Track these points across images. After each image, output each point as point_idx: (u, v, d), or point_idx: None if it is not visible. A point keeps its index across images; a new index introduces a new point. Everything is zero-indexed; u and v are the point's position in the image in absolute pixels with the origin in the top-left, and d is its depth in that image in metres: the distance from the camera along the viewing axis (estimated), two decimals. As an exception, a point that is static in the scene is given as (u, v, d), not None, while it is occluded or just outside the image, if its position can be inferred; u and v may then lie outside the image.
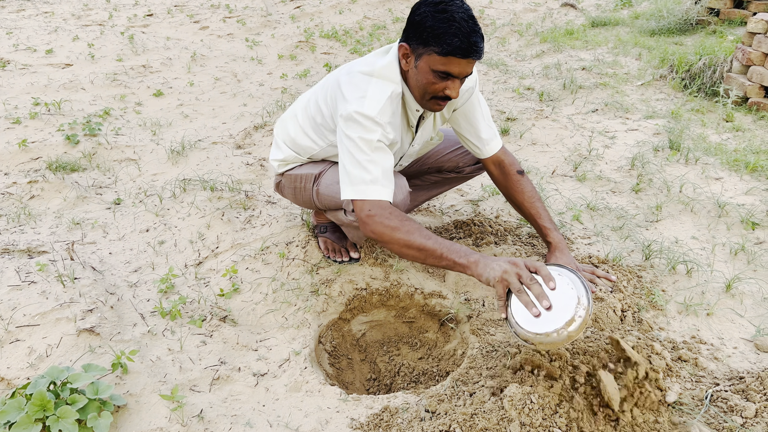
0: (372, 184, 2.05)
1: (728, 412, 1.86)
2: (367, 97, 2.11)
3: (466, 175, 2.77)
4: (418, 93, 2.16)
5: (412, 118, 2.32)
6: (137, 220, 3.27)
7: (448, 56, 1.98)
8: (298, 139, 2.54)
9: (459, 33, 1.94)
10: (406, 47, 2.09)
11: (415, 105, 2.24)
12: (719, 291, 2.43)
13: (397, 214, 2.03)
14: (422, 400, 1.98)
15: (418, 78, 2.10)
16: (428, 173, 2.79)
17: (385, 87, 2.15)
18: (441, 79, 2.05)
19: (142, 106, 5.39)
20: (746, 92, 4.60)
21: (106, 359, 2.12)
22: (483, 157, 2.54)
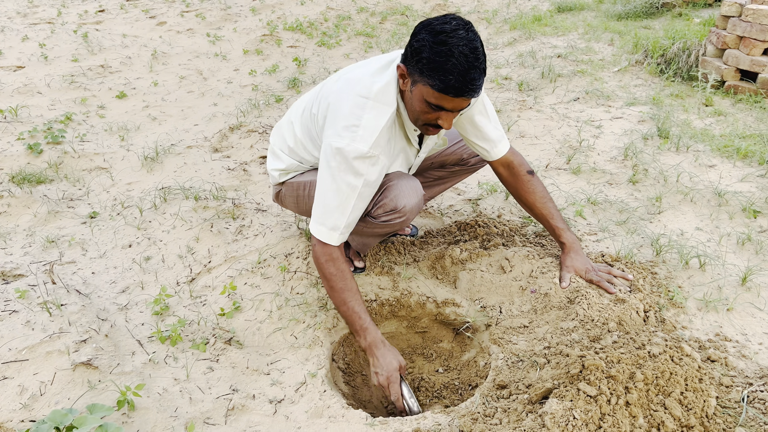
0: (333, 231, 2.11)
1: (767, 413, 1.82)
2: (361, 126, 2.00)
3: (471, 167, 2.67)
4: (411, 116, 2.07)
5: (412, 138, 2.24)
6: (118, 234, 3.07)
7: (441, 93, 1.87)
8: (298, 150, 2.40)
9: (455, 70, 1.81)
10: (404, 69, 1.97)
11: (413, 126, 2.16)
12: (735, 284, 2.40)
13: (339, 263, 2.15)
14: (454, 420, 1.89)
15: (412, 102, 2.00)
16: (432, 169, 2.69)
17: (381, 114, 2.03)
18: (433, 110, 1.95)
19: (106, 109, 5.12)
20: (723, 76, 4.63)
21: (109, 396, 1.96)
22: (491, 160, 2.44)
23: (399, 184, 2.20)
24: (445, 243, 2.77)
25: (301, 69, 6.18)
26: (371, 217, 2.26)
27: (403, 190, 2.20)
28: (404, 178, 2.24)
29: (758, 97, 4.36)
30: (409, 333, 2.50)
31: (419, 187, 2.26)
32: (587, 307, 2.22)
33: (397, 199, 2.19)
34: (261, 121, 4.61)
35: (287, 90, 5.49)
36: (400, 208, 2.19)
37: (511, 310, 2.35)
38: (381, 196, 2.21)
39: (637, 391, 1.78)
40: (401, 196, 2.19)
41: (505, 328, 2.27)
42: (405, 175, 2.28)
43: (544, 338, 2.16)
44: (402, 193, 2.19)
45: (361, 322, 2.12)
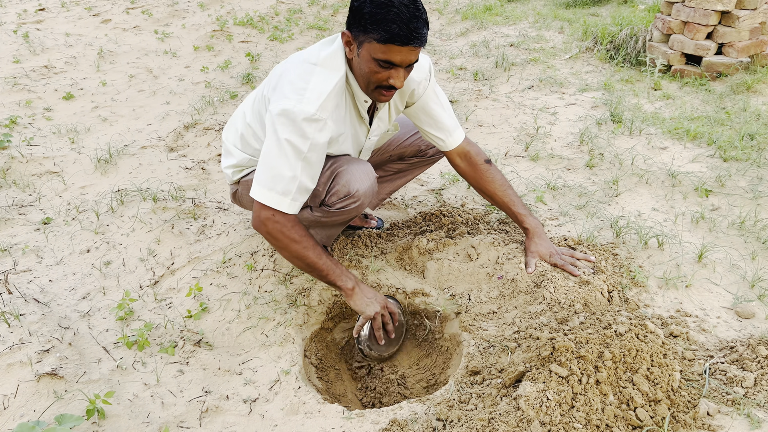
0: (283, 196, 2.03)
1: (728, 383, 1.90)
2: (308, 89, 1.99)
3: (429, 158, 2.68)
4: (362, 82, 2.05)
5: (362, 109, 2.20)
6: (74, 240, 2.98)
7: (387, 44, 1.86)
8: (249, 139, 2.36)
9: (398, 19, 1.82)
10: (348, 35, 1.97)
11: (362, 95, 2.13)
12: (692, 262, 2.49)
13: (298, 227, 2.10)
14: (430, 409, 1.91)
15: (361, 67, 1.99)
16: (390, 161, 2.69)
17: (330, 77, 2.03)
18: (383, 68, 1.94)
19: (53, 111, 4.94)
20: (669, 60, 4.78)
21: (77, 405, 1.90)
22: (447, 150, 2.45)
23: (350, 169, 2.19)
24: (411, 234, 2.79)
25: (255, 64, 6.09)
26: (326, 206, 2.25)
27: (354, 175, 2.18)
28: (354, 163, 2.22)
29: (703, 80, 4.51)
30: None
31: (371, 170, 2.25)
32: (553, 290, 2.27)
33: (349, 184, 2.17)
34: (216, 118, 4.53)
35: (241, 86, 5.41)
36: (353, 192, 2.18)
37: (479, 297, 2.38)
38: (333, 183, 2.19)
39: (606, 369, 1.83)
40: (353, 180, 2.18)
41: (474, 314, 2.30)
42: (355, 159, 2.27)
43: (514, 323, 2.20)
44: (354, 178, 2.18)
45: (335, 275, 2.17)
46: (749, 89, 4.25)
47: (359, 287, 2.21)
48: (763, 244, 2.57)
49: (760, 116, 3.79)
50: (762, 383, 1.88)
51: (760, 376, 1.90)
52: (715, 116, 3.84)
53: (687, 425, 1.77)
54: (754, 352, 1.99)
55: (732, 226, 2.71)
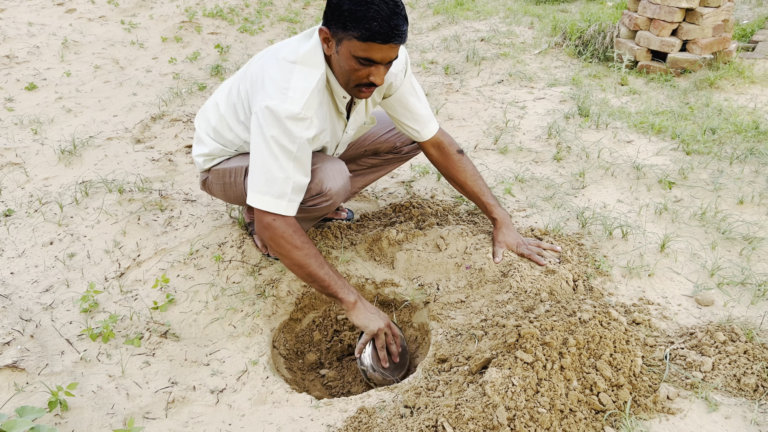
0: (279, 199, 2.00)
1: (688, 368, 1.95)
2: (291, 88, 1.97)
3: (404, 155, 2.70)
4: (342, 80, 2.03)
5: (341, 105, 2.19)
6: (37, 232, 2.92)
7: (367, 42, 1.86)
8: (221, 130, 2.34)
9: (378, 16, 1.81)
10: (327, 31, 1.95)
11: (341, 92, 2.12)
12: (655, 251, 2.54)
13: (300, 233, 2.05)
14: (398, 396, 1.92)
15: (341, 64, 1.97)
16: (365, 156, 2.69)
17: (311, 75, 2.01)
18: (363, 65, 1.93)
19: (14, 102, 4.82)
20: (636, 56, 4.87)
21: (39, 398, 1.87)
22: (422, 140, 2.47)
23: (324, 167, 2.18)
24: (381, 225, 2.79)
25: (224, 56, 6.02)
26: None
27: (328, 173, 2.18)
28: (329, 161, 2.22)
29: (668, 75, 4.61)
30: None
31: (345, 169, 2.25)
32: (520, 279, 2.30)
33: (322, 183, 2.17)
34: (184, 109, 4.47)
35: (210, 77, 5.35)
36: (326, 191, 2.18)
37: (448, 286, 2.40)
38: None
39: (570, 355, 1.87)
40: (327, 178, 2.17)
41: (443, 304, 2.32)
42: (329, 157, 2.26)
43: (481, 311, 2.22)
44: (327, 176, 2.18)
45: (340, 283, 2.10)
46: (712, 85, 4.35)
47: (362, 302, 2.12)
48: (723, 234, 2.64)
49: (721, 111, 3.89)
50: (719, 368, 1.94)
51: (717, 361, 1.96)
52: (679, 111, 3.93)
53: (648, 409, 1.81)
54: (712, 338, 2.05)
55: (694, 217, 2.78)
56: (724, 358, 1.96)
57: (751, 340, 2.02)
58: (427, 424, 1.71)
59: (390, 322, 2.15)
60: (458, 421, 1.71)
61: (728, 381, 1.89)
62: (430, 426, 1.71)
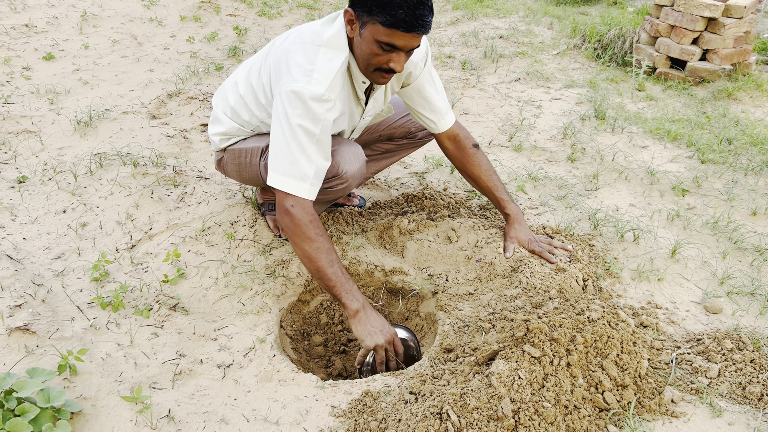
0: (301, 181, 1.99)
1: (693, 373, 1.96)
2: (316, 70, 1.97)
3: (418, 141, 2.70)
4: (362, 63, 2.04)
5: (359, 90, 2.19)
6: (50, 200, 2.93)
7: (391, 28, 1.86)
8: (239, 110, 2.35)
9: (404, 4, 1.82)
10: (351, 13, 1.95)
11: (361, 77, 2.12)
12: (665, 257, 2.55)
13: (315, 224, 2.02)
14: (403, 382, 1.93)
15: (362, 47, 1.98)
16: (379, 141, 2.69)
17: (335, 58, 2.01)
18: (385, 51, 1.93)
19: (32, 71, 4.83)
20: (654, 63, 4.85)
21: (48, 360, 1.88)
22: (438, 132, 2.47)
23: (341, 150, 2.19)
24: (392, 214, 2.80)
25: (242, 38, 6.02)
26: None
27: (345, 156, 2.19)
28: (346, 144, 2.23)
29: (686, 84, 4.59)
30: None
31: (361, 153, 2.26)
32: (530, 275, 2.30)
33: (339, 166, 2.18)
34: (201, 88, 4.48)
35: (227, 59, 5.35)
36: (342, 173, 2.19)
37: (457, 278, 2.41)
38: None
39: (577, 353, 1.87)
40: (343, 162, 2.18)
41: (451, 295, 2.32)
42: (346, 141, 2.27)
43: (489, 305, 2.23)
44: (344, 159, 2.18)
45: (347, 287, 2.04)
46: (730, 96, 4.34)
47: (365, 312, 2.03)
48: (734, 244, 2.64)
49: (738, 122, 3.88)
50: (725, 375, 1.94)
51: (724, 368, 1.96)
52: (696, 120, 3.92)
53: (651, 410, 1.82)
54: (719, 345, 2.05)
55: (706, 225, 2.78)
56: (730, 366, 1.97)
57: (758, 349, 2.02)
58: (431, 411, 1.72)
59: (394, 338, 2.05)
60: (463, 409, 1.72)
61: (733, 388, 1.89)
62: (434, 413, 1.72)
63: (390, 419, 1.76)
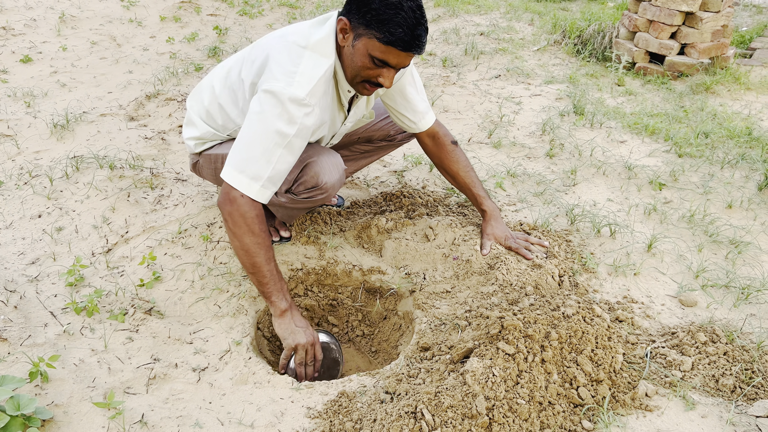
0: (253, 181, 1.94)
1: (668, 367, 1.97)
2: (299, 72, 1.95)
3: (397, 143, 2.70)
4: (350, 73, 2.02)
5: (344, 98, 2.18)
6: (25, 204, 2.90)
7: (388, 45, 1.86)
8: (214, 113, 2.31)
9: (404, 24, 1.82)
10: (346, 22, 1.93)
11: (347, 86, 2.11)
12: (642, 251, 2.56)
13: (260, 219, 1.99)
14: (379, 382, 1.93)
15: (353, 59, 1.96)
16: (358, 143, 2.69)
17: (320, 63, 1.98)
18: (377, 66, 1.93)
19: (9, 73, 4.78)
20: (633, 57, 4.87)
21: (20, 368, 1.86)
22: (418, 132, 2.47)
23: (320, 161, 2.17)
24: (371, 213, 2.79)
25: (222, 38, 5.98)
26: (292, 194, 2.24)
27: (324, 167, 2.17)
28: (325, 154, 2.21)
29: (665, 78, 4.62)
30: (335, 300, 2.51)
31: (340, 163, 2.25)
32: (506, 272, 2.31)
33: (318, 176, 2.17)
34: (180, 89, 4.45)
35: (207, 59, 5.31)
36: (321, 184, 2.18)
37: (434, 276, 2.41)
38: (301, 173, 2.17)
39: (552, 349, 1.88)
40: (322, 172, 2.17)
41: (428, 293, 2.32)
42: (325, 150, 2.25)
43: (466, 302, 2.23)
44: (323, 170, 2.17)
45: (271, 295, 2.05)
46: (708, 90, 4.37)
47: (292, 312, 2.07)
48: (710, 237, 2.66)
49: (716, 116, 3.91)
50: (699, 367, 1.96)
51: (697, 361, 1.98)
52: (674, 114, 3.94)
53: (626, 405, 1.83)
54: (693, 338, 2.07)
55: (682, 219, 2.79)
56: (703, 359, 1.98)
57: (731, 341, 2.04)
58: (406, 410, 1.72)
59: (315, 342, 2.07)
60: (437, 408, 1.72)
61: (707, 381, 1.91)
62: (409, 412, 1.72)
63: (365, 419, 1.76)
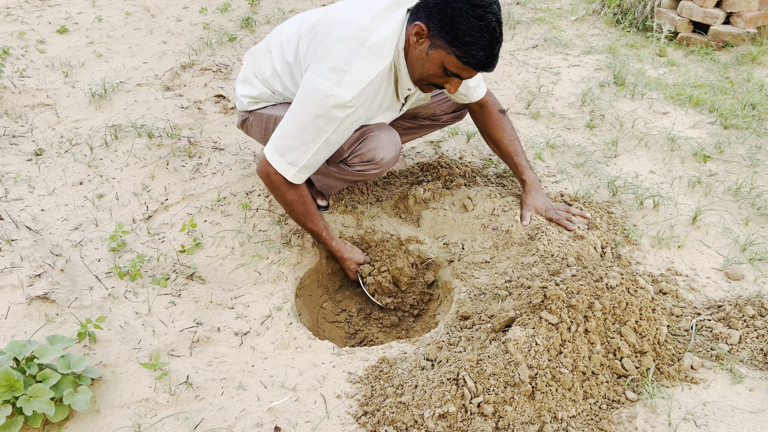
0: (290, 166, 2.05)
1: (714, 340, 1.93)
2: (350, 73, 1.93)
3: (441, 123, 2.66)
4: (416, 74, 2.02)
5: (401, 95, 2.17)
6: (67, 172, 2.94)
7: (467, 66, 1.88)
8: (273, 81, 2.30)
9: (487, 47, 1.84)
10: (424, 29, 1.89)
11: (408, 83, 2.08)
12: (686, 223, 2.50)
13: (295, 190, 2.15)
14: (419, 349, 1.93)
15: (425, 65, 1.96)
16: (402, 118, 2.65)
17: (373, 66, 1.96)
18: (447, 75, 1.95)
19: (46, 44, 4.83)
20: (676, 27, 4.72)
21: (68, 328, 1.91)
22: (469, 102, 2.46)
23: (379, 136, 2.18)
24: (407, 183, 2.78)
25: (254, 9, 5.95)
26: (346, 165, 2.24)
27: (382, 142, 2.17)
28: (385, 130, 2.21)
29: (709, 49, 4.47)
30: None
31: (398, 141, 2.24)
32: (547, 243, 2.28)
33: (375, 151, 2.17)
34: (214, 59, 4.45)
35: (240, 29, 5.30)
36: (378, 159, 2.18)
37: (473, 246, 2.39)
38: (359, 146, 2.18)
39: (595, 319, 1.85)
40: (380, 148, 2.17)
41: (467, 263, 2.31)
42: (385, 126, 2.24)
43: (506, 272, 2.21)
44: (381, 145, 2.17)
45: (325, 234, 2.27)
46: (754, 60, 4.22)
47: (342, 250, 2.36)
48: (758, 210, 2.58)
49: (763, 87, 3.77)
50: (746, 341, 1.92)
51: (745, 334, 1.93)
52: (719, 85, 3.82)
53: (670, 377, 1.80)
54: (740, 312, 2.02)
55: (728, 191, 2.72)
56: (751, 332, 1.94)
57: (780, 315, 1.99)
58: (448, 377, 1.72)
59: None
60: (480, 375, 1.71)
61: (755, 354, 1.87)
62: (451, 379, 1.72)
63: (406, 385, 1.77)
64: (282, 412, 1.72)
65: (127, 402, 1.70)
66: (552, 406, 1.69)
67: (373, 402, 1.74)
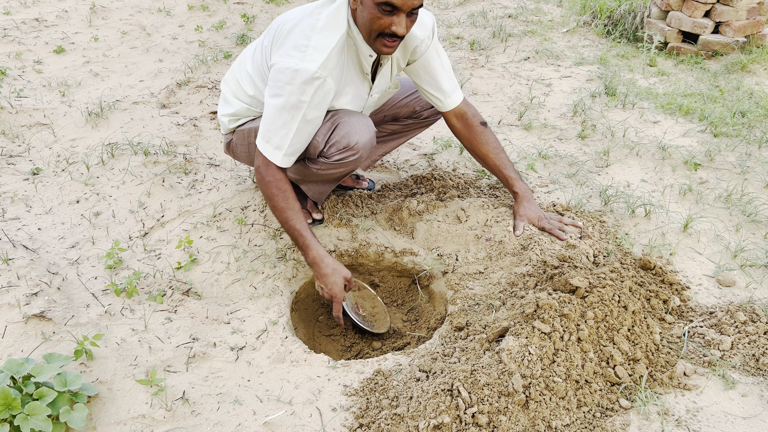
0: (276, 150, 2.13)
1: (706, 346, 1.95)
2: (311, 47, 2.03)
3: (424, 120, 2.69)
4: (365, 32, 2.05)
5: (366, 65, 2.20)
6: (64, 190, 2.97)
7: None
8: (247, 88, 2.35)
9: None
10: None
11: (367, 49, 2.13)
12: (677, 231, 2.52)
13: (286, 181, 2.18)
14: (414, 360, 1.94)
15: (363, 15, 2.00)
16: (385, 122, 2.68)
17: (332, 35, 2.06)
18: (386, 13, 1.94)
19: (43, 64, 4.87)
20: (666, 37, 4.77)
21: (65, 347, 1.92)
22: (445, 110, 2.46)
23: (350, 121, 2.21)
24: (401, 196, 2.80)
25: (249, 25, 6.01)
26: (324, 157, 2.25)
27: (354, 127, 2.20)
28: (355, 115, 2.24)
29: (698, 58, 4.52)
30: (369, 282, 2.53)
31: (371, 124, 2.26)
32: (540, 252, 2.30)
33: (349, 136, 2.19)
34: (210, 77, 4.49)
35: (236, 46, 5.35)
36: (353, 144, 2.20)
37: (467, 257, 2.41)
38: (333, 134, 2.21)
39: (588, 327, 1.87)
40: (353, 132, 2.20)
41: (461, 274, 2.33)
42: (355, 112, 2.28)
43: (499, 282, 2.23)
44: (354, 130, 2.20)
45: (303, 239, 2.16)
46: (744, 69, 4.26)
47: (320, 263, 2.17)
48: (748, 217, 2.61)
49: (752, 95, 3.81)
50: (738, 347, 1.93)
51: (737, 340, 1.95)
52: (709, 93, 3.86)
53: (664, 384, 1.82)
54: (732, 318, 2.04)
55: (719, 198, 2.75)
56: (743, 338, 1.96)
57: (771, 321, 2.00)
58: (442, 388, 1.74)
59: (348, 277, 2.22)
60: (474, 386, 1.73)
61: (747, 360, 1.88)
62: (445, 390, 1.73)
63: (402, 397, 1.78)
64: (278, 426, 1.73)
65: (124, 419, 1.71)
66: (546, 415, 1.70)
67: (369, 414, 1.75)
